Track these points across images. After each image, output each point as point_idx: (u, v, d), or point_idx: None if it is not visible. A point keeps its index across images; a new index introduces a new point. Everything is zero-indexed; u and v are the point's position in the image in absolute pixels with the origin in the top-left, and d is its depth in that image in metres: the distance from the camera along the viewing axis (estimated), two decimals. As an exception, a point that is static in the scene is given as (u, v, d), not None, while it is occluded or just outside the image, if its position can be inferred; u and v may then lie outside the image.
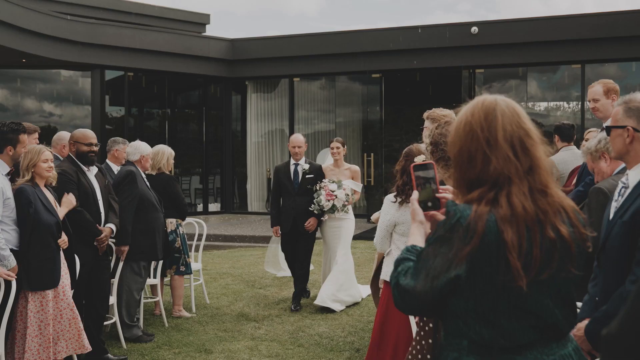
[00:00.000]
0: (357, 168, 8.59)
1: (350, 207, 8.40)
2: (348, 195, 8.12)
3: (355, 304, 8.34)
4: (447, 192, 2.35)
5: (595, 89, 5.56)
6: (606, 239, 3.15)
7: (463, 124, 2.17)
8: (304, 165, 8.39)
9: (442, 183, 2.54)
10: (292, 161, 8.47)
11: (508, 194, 2.06)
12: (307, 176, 8.33)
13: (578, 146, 7.35)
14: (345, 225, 8.35)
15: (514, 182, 2.07)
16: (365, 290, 8.56)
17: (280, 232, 8.50)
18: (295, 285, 8.39)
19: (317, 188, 8.17)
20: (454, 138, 2.20)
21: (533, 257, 2.02)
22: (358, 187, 8.44)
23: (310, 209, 8.15)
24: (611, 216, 3.17)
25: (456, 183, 2.17)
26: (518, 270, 2.00)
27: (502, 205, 2.04)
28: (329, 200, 8.02)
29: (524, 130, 2.12)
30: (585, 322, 3.13)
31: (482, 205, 2.05)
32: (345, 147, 8.60)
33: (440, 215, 2.30)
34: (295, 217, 8.27)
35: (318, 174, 8.39)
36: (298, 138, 8.54)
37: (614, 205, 3.20)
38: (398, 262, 2.22)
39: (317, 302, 8.03)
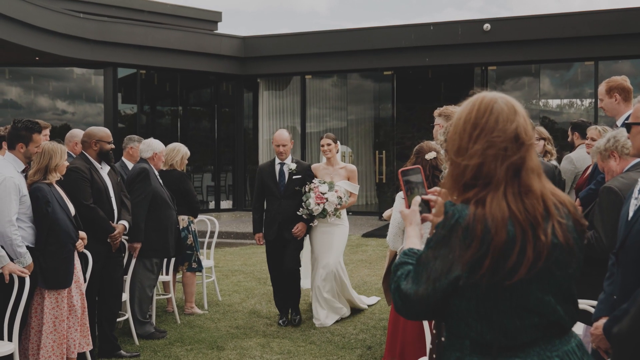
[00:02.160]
0: (353, 167, 7.75)
1: (344, 212, 7.58)
2: (341, 198, 7.27)
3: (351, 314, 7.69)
4: (434, 195, 2.36)
5: (600, 88, 5.55)
6: (625, 238, 3.12)
7: (462, 121, 2.15)
8: (290, 164, 7.47)
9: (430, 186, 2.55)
10: (277, 160, 7.54)
11: (501, 195, 2.04)
12: (294, 177, 7.42)
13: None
14: (338, 231, 7.49)
15: (506, 183, 2.06)
16: (368, 300, 8.18)
17: (264, 240, 7.62)
18: (289, 299, 7.57)
19: (307, 190, 7.32)
20: (452, 135, 2.17)
21: (526, 257, 2.00)
22: (355, 188, 7.61)
23: (298, 213, 7.30)
24: (630, 214, 3.14)
25: (453, 181, 2.14)
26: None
27: (495, 206, 2.03)
28: (319, 204, 7.18)
29: (520, 129, 2.09)
30: (603, 320, 3.11)
31: (479, 207, 2.04)
32: (338, 143, 7.73)
33: (431, 217, 2.30)
34: (281, 222, 7.37)
35: (306, 174, 7.49)
36: (283, 135, 7.49)
37: (633, 204, 3.16)
38: (397, 267, 2.21)
39: (317, 322, 7.33)
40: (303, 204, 7.28)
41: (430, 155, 5.06)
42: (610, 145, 4.32)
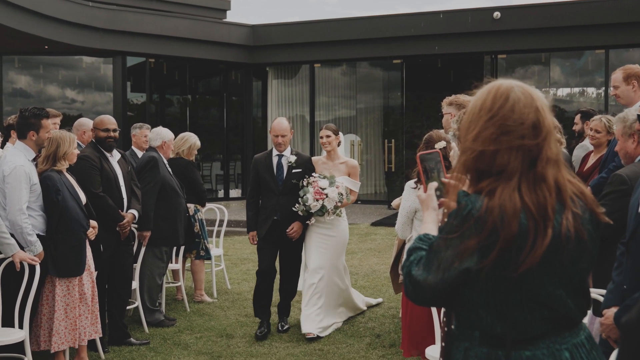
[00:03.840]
0: (355, 163, 7.04)
1: (343, 211, 6.91)
2: (342, 194, 6.60)
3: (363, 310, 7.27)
4: (453, 180, 2.33)
5: (615, 75, 5.49)
6: (636, 228, 3.10)
7: (478, 108, 2.10)
8: (289, 157, 6.77)
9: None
10: (275, 152, 6.83)
11: (514, 185, 2.01)
12: (293, 171, 6.73)
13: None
14: (337, 233, 6.80)
15: (521, 173, 2.02)
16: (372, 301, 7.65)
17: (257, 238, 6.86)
18: (282, 300, 6.97)
19: (305, 184, 6.65)
20: (467, 123, 2.13)
21: (535, 248, 1.97)
22: (355, 185, 6.90)
23: (294, 209, 6.61)
24: None
25: (466, 170, 2.12)
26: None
27: (505, 197, 1.99)
28: (317, 200, 6.50)
29: (537, 119, 2.05)
30: (614, 309, 3.09)
31: (493, 199, 2.00)
32: (340, 135, 7.03)
33: (450, 202, 2.29)
34: (279, 221, 6.70)
35: (307, 167, 6.81)
36: (282, 125, 6.77)
37: None
38: (410, 251, 2.19)
39: (306, 330, 6.59)
40: (300, 199, 6.60)
41: (440, 145, 5.04)
42: (636, 127, 4.21)
